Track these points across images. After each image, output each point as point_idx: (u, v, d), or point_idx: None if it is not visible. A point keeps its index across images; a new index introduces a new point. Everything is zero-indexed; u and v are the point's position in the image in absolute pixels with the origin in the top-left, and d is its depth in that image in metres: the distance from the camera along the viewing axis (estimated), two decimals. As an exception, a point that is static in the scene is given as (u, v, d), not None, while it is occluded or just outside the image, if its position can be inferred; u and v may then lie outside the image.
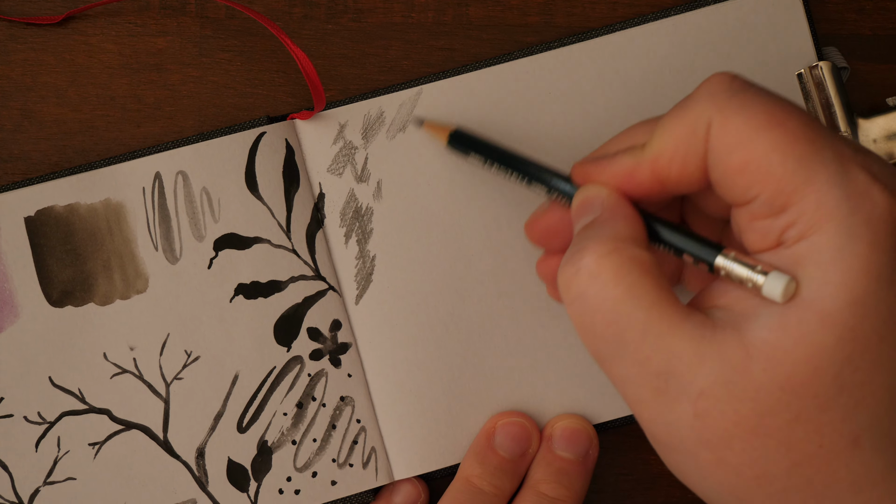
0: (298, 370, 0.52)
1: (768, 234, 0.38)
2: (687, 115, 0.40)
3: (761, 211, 0.38)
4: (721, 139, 0.39)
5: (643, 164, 0.41)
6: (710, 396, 0.38)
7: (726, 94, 0.39)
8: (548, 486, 0.51)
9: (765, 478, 0.38)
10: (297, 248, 0.52)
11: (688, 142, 0.40)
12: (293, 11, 0.55)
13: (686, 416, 0.38)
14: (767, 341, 0.37)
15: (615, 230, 0.40)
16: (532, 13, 0.55)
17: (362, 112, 0.53)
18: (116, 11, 0.54)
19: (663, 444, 0.40)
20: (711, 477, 0.39)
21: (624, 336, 0.39)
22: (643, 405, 0.39)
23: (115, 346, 0.52)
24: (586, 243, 0.40)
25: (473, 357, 0.52)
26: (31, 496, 0.51)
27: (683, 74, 0.53)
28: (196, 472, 0.51)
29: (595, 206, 0.42)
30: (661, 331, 0.38)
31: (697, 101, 0.40)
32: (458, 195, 0.53)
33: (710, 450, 0.38)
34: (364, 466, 0.52)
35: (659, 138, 0.41)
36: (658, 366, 0.38)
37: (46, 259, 0.52)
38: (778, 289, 0.37)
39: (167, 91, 0.54)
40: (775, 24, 0.53)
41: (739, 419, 0.37)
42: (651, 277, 0.39)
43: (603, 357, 0.40)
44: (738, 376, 0.37)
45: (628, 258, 0.39)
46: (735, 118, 0.38)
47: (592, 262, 0.39)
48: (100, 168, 0.52)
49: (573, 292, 0.40)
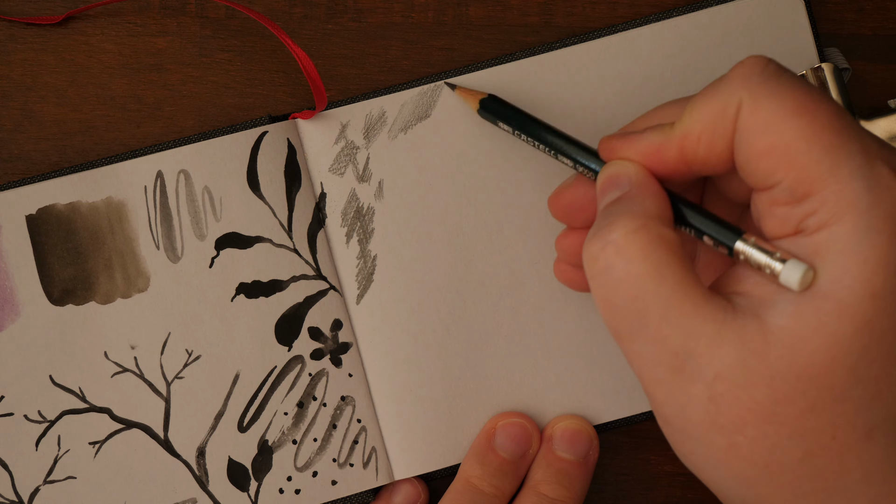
0: (299, 370, 0.52)
1: (787, 221, 0.38)
2: (718, 96, 0.40)
3: (782, 197, 0.38)
4: (750, 122, 0.39)
5: (671, 141, 0.41)
6: (726, 380, 0.38)
7: (760, 78, 0.39)
8: (548, 486, 0.51)
9: (776, 466, 0.38)
10: (298, 248, 0.52)
11: (717, 122, 0.40)
12: (293, 11, 0.55)
13: (701, 399, 0.38)
14: (785, 328, 0.37)
15: (644, 207, 0.40)
16: (532, 13, 0.55)
17: (364, 112, 0.53)
18: (116, 11, 0.54)
19: (675, 427, 0.40)
20: (722, 464, 0.39)
21: (646, 312, 0.39)
22: (658, 385, 0.39)
23: (115, 345, 0.51)
24: (615, 218, 0.40)
25: (474, 357, 0.52)
26: (31, 495, 0.51)
27: (684, 75, 0.53)
28: (196, 471, 0.51)
29: (623, 181, 0.42)
30: (684, 310, 0.38)
31: (730, 82, 0.40)
32: (460, 195, 0.53)
33: (723, 435, 0.38)
34: (364, 466, 0.52)
35: (689, 116, 0.41)
36: (677, 345, 0.38)
37: (47, 257, 0.52)
38: (795, 277, 0.37)
39: (167, 91, 0.54)
40: (777, 25, 0.53)
41: (754, 405, 0.38)
42: (677, 257, 0.39)
43: (622, 333, 0.40)
44: (755, 361, 0.37)
45: (656, 236, 0.39)
46: (765, 102, 0.39)
47: (621, 238, 0.39)
48: (101, 167, 0.52)
49: (599, 265, 0.40)
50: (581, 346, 0.52)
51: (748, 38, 0.53)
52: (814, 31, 0.53)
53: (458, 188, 0.53)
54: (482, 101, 0.51)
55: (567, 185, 0.47)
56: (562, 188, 0.47)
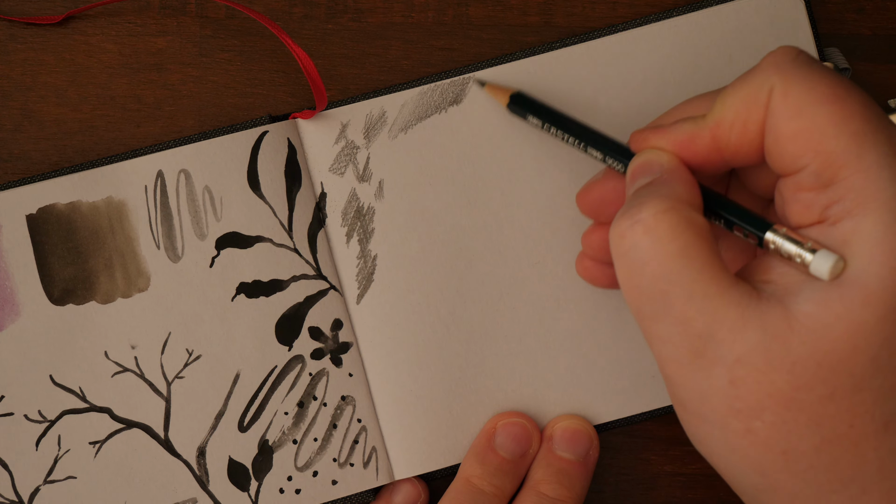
0: (300, 369, 0.52)
1: (812, 207, 0.39)
2: (750, 83, 0.40)
3: (808, 181, 0.39)
4: (781, 105, 0.39)
5: (704, 130, 0.42)
6: (747, 364, 0.38)
7: (791, 65, 0.40)
8: (548, 486, 0.51)
9: (792, 454, 0.38)
10: (298, 248, 0.52)
11: (749, 108, 0.40)
12: (293, 11, 0.55)
13: (720, 383, 0.38)
14: (810, 315, 0.37)
15: (675, 191, 0.41)
16: (532, 13, 0.55)
17: (364, 112, 0.53)
18: (116, 11, 0.54)
19: (692, 411, 0.40)
20: (738, 450, 0.39)
21: (670, 293, 0.39)
22: (678, 367, 0.39)
23: (116, 345, 0.51)
24: (645, 199, 0.40)
25: (474, 357, 0.52)
26: (31, 495, 0.51)
27: (685, 75, 0.53)
28: (197, 471, 0.51)
29: (654, 168, 0.42)
30: (709, 293, 0.38)
31: (762, 69, 0.40)
32: (459, 195, 0.53)
33: (741, 419, 0.38)
34: (365, 466, 0.52)
35: (721, 104, 0.41)
36: (700, 327, 0.38)
37: (48, 257, 0.52)
38: (826, 266, 0.37)
39: (167, 91, 0.54)
40: (777, 25, 0.53)
41: (774, 390, 0.38)
42: (705, 241, 0.39)
43: (644, 313, 0.40)
44: (777, 346, 0.37)
45: (685, 218, 0.39)
46: (797, 87, 0.39)
47: (650, 217, 0.39)
48: (101, 167, 0.52)
49: (626, 244, 0.40)
50: (581, 346, 0.53)
51: (748, 38, 0.53)
52: (814, 31, 0.53)
53: (458, 188, 0.53)
54: (512, 97, 0.51)
55: (596, 180, 0.47)
56: (590, 183, 0.47)
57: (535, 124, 0.50)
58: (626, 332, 0.53)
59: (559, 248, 0.53)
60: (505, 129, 0.53)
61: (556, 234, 0.53)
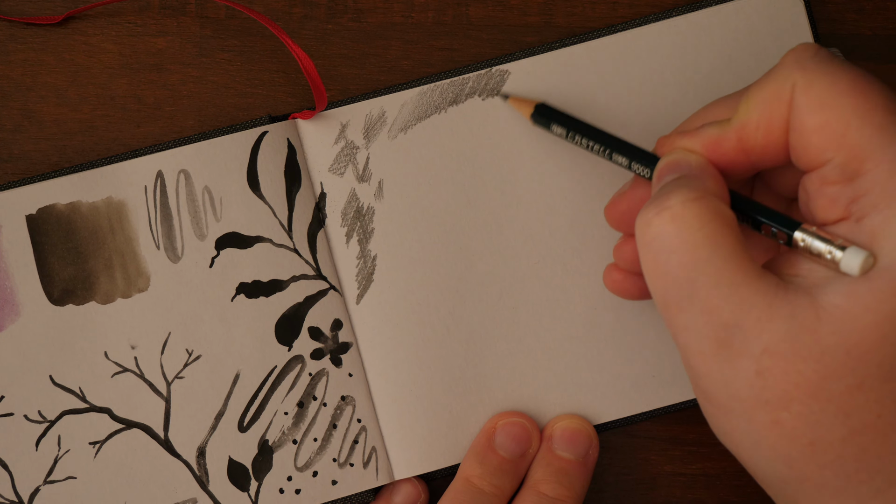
0: (299, 369, 0.52)
1: (837, 201, 0.39)
2: (772, 82, 0.40)
3: (833, 175, 0.39)
4: (803, 100, 0.39)
5: (730, 133, 0.42)
6: (774, 354, 0.38)
7: (812, 61, 0.40)
8: (548, 486, 0.51)
9: (819, 445, 0.38)
10: (298, 248, 0.52)
11: (772, 106, 0.40)
12: (293, 11, 0.55)
13: (747, 373, 0.38)
14: (839, 306, 0.37)
15: (703, 183, 0.41)
16: (532, 13, 0.55)
17: (364, 112, 0.53)
18: (116, 11, 0.54)
19: (716, 403, 0.40)
20: (764, 441, 0.39)
21: (697, 281, 0.39)
22: (703, 358, 0.39)
23: (116, 345, 0.51)
24: (673, 188, 0.40)
25: (474, 357, 0.52)
26: (31, 495, 0.51)
27: (684, 76, 0.53)
28: (197, 471, 0.51)
29: (682, 167, 0.42)
30: (736, 281, 0.38)
31: (783, 66, 0.41)
32: (459, 195, 0.53)
33: (768, 410, 0.38)
34: (364, 466, 0.52)
35: (745, 106, 0.41)
36: (726, 317, 0.38)
37: (48, 257, 0.52)
38: (856, 263, 0.38)
39: (167, 91, 0.54)
40: (777, 25, 0.53)
41: (802, 380, 0.38)
42: (732, 232, 0.39)
43: (669, 303, 0.40)
44: (806, 336, 0.37)
45: (714, 208, 0.39)
46: (819, 81, 0.39)
47: (678, 204, 0.39)
48: (101, 167, 0.52)
49: (652, 232, 0.40)
50: (581, 346, 0.53)
51: (748, 38, 0.53)
52: (814, 31, 0.53)
53: (458, 188, 0.53)
54: (536, 107, 0.51)
55: (623, 192, 0.47)
56: (618, 196, 0.47)
57: (560, 134, 0.50)
58: (625, 332, 0.53)
59: (559, 248, 0.53)
60: (505, 130, 0.53)
61: (556, 234, 0.53)
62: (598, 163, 0.53)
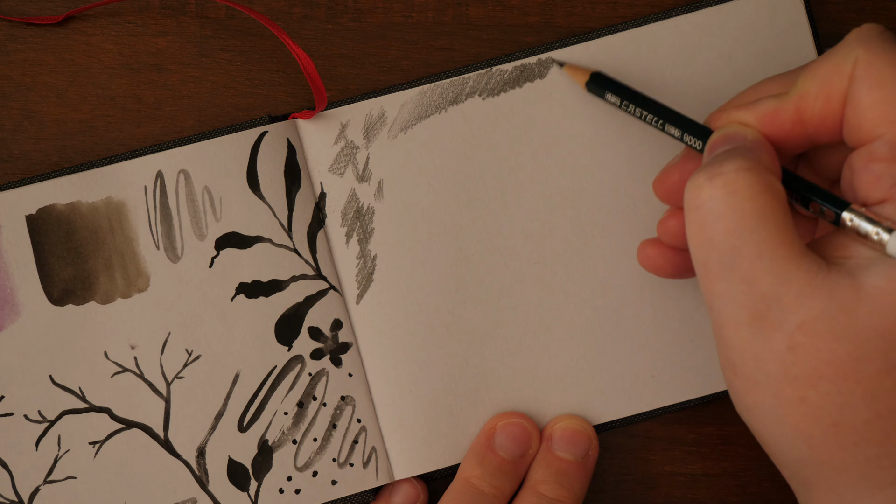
0: (299, 369, 0.52)
1: (881, 180, 0.39)
2: (836, 55, 0.41)
3: (882, 152, 0.39)
4: (864, 73, 0.40)
5: (789, 103, 0.42)
6: (809, 331, 0.38)
7: (877, 39, 0.40)
8: (547, 486, 0.51)
9: (842, 426, 0.38)
10: (298, 248, 0.52)
11: (833, 78, 0.41)
12: (293, 11, 0.55)
13: (779, 347, 0.38)
14: (879, 288, 0.38)
15: (757, 155, 0.41)
16: (532, 13, 0.55)
17: (364, 112, 0.53)
18: (116, 11, 0.54)
19: (743, 375, 0.40)
20: (787, 419, 0.39)
21: (741, 250, 0.39)
22: (736, 327, 0.39)
23: (115, 345, 0.52)
24: (727, 157, 0.40)
25: (474, 357, 0.52)
26: (31, 495, 0.51)
27: (684, 75, 0.53)
28: (196, 471, 0.51)
29: (737, 139, 0.43)
30: (780, 255, 0.39)
31: (847, 42, 0.41)
32: (459, 195, 0.53)
33: (795, 387, 0.38)
34: (364, 466, 0.52)
35: (805, 77, 0.42)
36: (766, 288, 0.39)
37: (47, 257, 0.52)
38: None
39: (167, 91, 0.54)
40: (777, 25, 0.53)
41: (833, 359, 0.38)
42: (781, 206, 0.40)
43: (711, 268, 0.40)
44: (843, 316, 0.38)
45: (765, 181, 0.40)
46: (881, 58, 0.40)
47: (731, 172, 0.40)
48: (101, 167, 0.52)
49: (703, 196, 0.40)
50: (581, 346, 0.53)
51: (748, 38, 0.53)
52: (814, 31, 0.53)
53: (458, 188, 0.53)
54: (592, 75, 0.52)
55: (673, 165, 0.47)
56: (668, 168, 0.47)
57: (614, 102, 0.50)
58: (625, 332, 0.53)
59: (559, 248, 0.53)
60: (505, 129, 0.53)
61: (556, 234, 0.53)
62: (598, 163, 0.53)
